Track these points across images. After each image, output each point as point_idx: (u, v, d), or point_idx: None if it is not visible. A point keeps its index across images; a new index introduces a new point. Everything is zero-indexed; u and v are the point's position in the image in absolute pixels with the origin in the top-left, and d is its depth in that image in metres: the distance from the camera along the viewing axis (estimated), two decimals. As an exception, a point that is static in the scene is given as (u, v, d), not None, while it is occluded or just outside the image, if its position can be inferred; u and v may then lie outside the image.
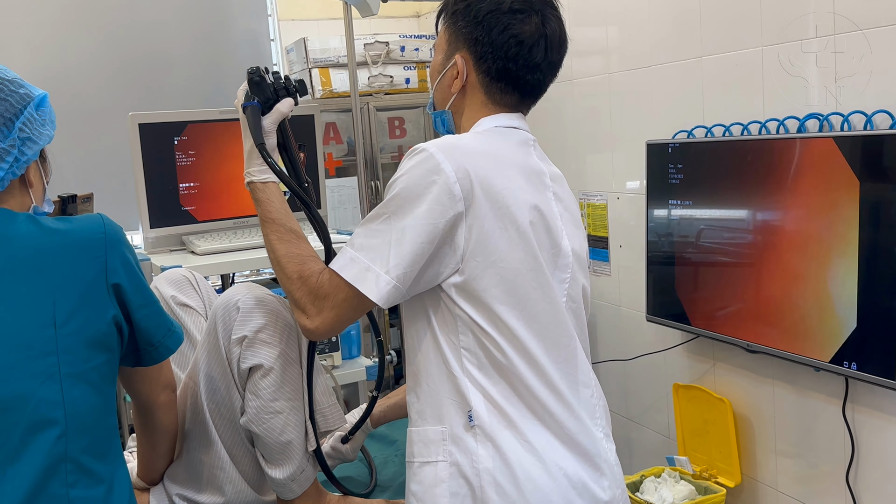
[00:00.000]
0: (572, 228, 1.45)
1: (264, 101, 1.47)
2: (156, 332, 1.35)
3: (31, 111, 1.30)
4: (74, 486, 1.21)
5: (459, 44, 1.44)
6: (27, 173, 1.32)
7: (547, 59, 1.43)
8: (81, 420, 1.23)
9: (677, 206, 2.34)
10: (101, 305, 1.26)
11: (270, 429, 1.50)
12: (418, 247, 1.27)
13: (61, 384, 1.21)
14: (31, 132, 1.30)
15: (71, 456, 1.21)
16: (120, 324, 1.29)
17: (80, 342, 1.24)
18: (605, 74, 2.72)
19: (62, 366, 1.21)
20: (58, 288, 1.23)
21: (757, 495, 2.30)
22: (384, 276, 1.27)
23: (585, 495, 1.34)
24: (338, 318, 1.33)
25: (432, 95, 1.52)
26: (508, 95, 1.44)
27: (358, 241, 1.32)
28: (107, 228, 1.30)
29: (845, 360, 1.88)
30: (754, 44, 2.13)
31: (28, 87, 1.32)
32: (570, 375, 1.38)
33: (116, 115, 2.73)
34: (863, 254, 1.81)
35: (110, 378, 1.30)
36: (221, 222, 2.48)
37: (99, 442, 1.26)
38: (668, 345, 2.53)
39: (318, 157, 2.64)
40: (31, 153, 1.30)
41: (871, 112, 1.84)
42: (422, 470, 1.34)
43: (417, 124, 3.69)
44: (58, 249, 1.25)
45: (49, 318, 1.22)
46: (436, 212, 1.27)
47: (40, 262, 1.23)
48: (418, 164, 1.30)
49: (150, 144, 2.36)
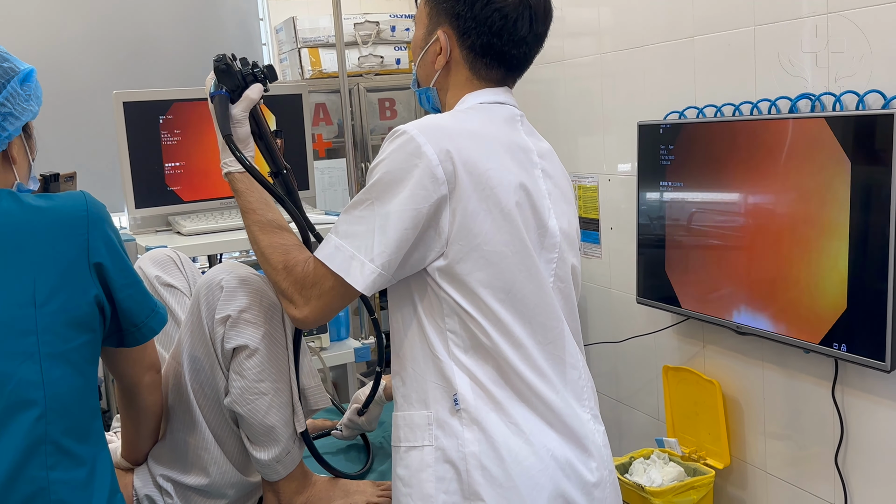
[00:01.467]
0: (562, 206, 1.43)
1: (233, 90, 1.45)
2: (139, 312, 1.33)
3: (15, 86, 1.27)
4: (55, 468, 1.20)
5: (441, 19, 1.40)
6: (10, 149, 1.29)
7: (533, 32, 1.39)
8: (62, 401, 1.21)
9: (668, 187, 2.33)
10: (82, 285, 1.24)
11: (255, 410, 1.48)
12: (402, 233, 1.25)
13: (41, 364, 1.19)
14: (13, 107, 1.27)
15: (51, 437, 1.20)
16: (102, 304, 1.27)
17: (61, 322, 1.22)
18: (598, 55, 2.69)
19: (42, 346, 1.19)
20: (38, 267, 1.21)
21: (746, 477, 2.30)
22: (369, 265, 1.26)
23: (573, 477, 1.33)
24: (326, 307, 1.32)
25: (415, 72, 1.49)
26: (494, 70, 1.41)
27: (342, 228, 1.30)
28: (89, 206, 1.27)
29: (835, 342, 1.87)
30: (747, 23, 2.11)
31: (13, 60, 1.30)
32: (557, 357, 1.37)
33: (101, 94, 2.69)
34: (853, 235, 1.80)
35: (92, 359, 1.28)
36: (207, 203, 2.46)
37: (80, 424, 1.25)
38: (658, 327, 2.53)
39: (307, 138, 2.61)
40: (11, 129, 1.27)
41: (863, 92, 1.82)
42: (408, 454, 1.33)
43: (408, 105, 3.66)
44: (39, 227, 1.23)
45: (29, 297, 1.20)
46: (419, 196, 1.25)
47: (21, 240, 1.21)
48: (399, 147, 1.27)
49: (134, 123, 2.33)
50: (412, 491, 1.31)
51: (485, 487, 1.27)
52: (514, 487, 1.28)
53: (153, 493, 1.57)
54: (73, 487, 1.22)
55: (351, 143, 3.06)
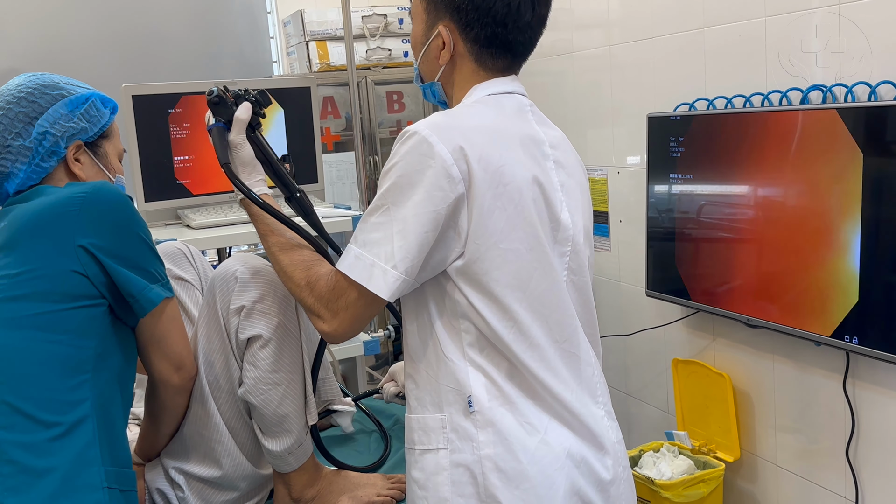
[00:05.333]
0: (576, 195, 1.41)
1: (228, 120, 1.47)
2: (135, 284, 1.37)
3: (59, 108, 1.44)
4: (9, 429, 1.25)
5: (440, 13, 1.37)
6: (68, 164, 1.47)
7: (536, 14, 1.36)
8: (17, 364, 1.28)
9: (678, 180, 2.32)
10: (61, 259, 1.32)
11: (268, 400, 1.49)
12: (423, 236, 1.23)
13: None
14: (52, 127, 1.43)
15: (3, 398, 1.26)
16: (88, 275, 1.33)
17: (30, 290, 1.30)
18: (607, 47, 2.68)
19: (2, 311, 1.29)
20: (25, 244, 1.32)
21: (756, 470, 2.30)
22: (391, 272, 1.24)
23: (588, 474, 1.33)
24: (354, 318, 1.30)
25: (417, 67, 1.46)
26: (500, 59, 1.38)
27: (361, 237, 1.28)
28: (92, 190, 1.37)
29: (846, 335, 1.86)
30: (757, 14, 2.10)
31: (71, 89, 1.48)
32: (572, 355, 1.36)
33: (110, 88, 2.68)
34: (865, 227, 1.79)
35: (78, 329, 1.32)
36: (217, 196, 2.45)
37: (47, 390, 1.29)
38: (667, 320, 2.52)
39: (315, 131, 2.61)
40: (53, 147, 1.44)
41: (875, 83, 1.81)
42: (423, 457, 1.33)
43: (416, 98, 3.66)
44: (37, 211, 1.35)
45: (3, 270, 1.31)
46: (436, 198, 1.23)
47: (25, 224, 1.34)
48: (412, 149, 1.25)
49: (143, 116, 2.33)
50: (428, 494, 1.31)
51: (501, 490, 1.27)
52: (530, 487, 1.27)
53: (164, 486, 1.57)
54: (29, 450, 1.25)
55: (359, 136, 3.05)
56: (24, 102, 1.44)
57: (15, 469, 1.24)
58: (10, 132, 1.43)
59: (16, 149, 1.43)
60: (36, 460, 1.25)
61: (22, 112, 1.43)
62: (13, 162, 1.43)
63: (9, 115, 1.43)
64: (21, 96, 1.44)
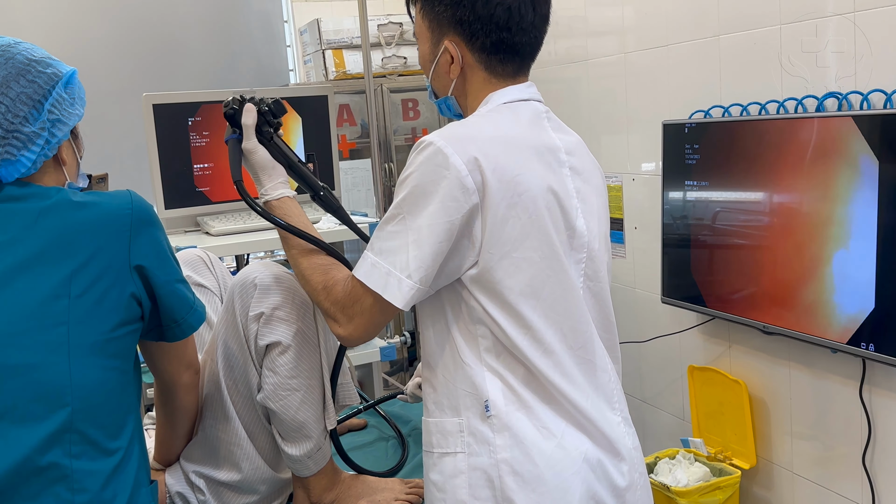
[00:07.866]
0: (592, 200, 1.41)
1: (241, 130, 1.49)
2: (179, 308, 1.35)
3: (60, 91, 1.31)
4: (79, 457, 1.22)
5: (444, 29, 1.39)
6: (60, 152, 1.33)
7: (538, 14, 1.38)
8: (89, 392, 1.23)
9: (693, 187, 2.33)
10: (121, 282, 1.27)
11: (287, 406, 1.50)
12: (437, 246, 1.25)
13: (69, 355, 1.21)
14: (61, 113, 1.31)
15: (76, 427, 1.22)
16: (140, 300, 1.30)
17: (96, 314, 1.24)
18: (621, 54, 2.69)
19: (72, 336, 1.22)
20: (79, 262, 1.24)
21: (772, 477, 2.30)
22: (406, 281, 1.26)
23: (604, 480, 1.34)
24: (369, 324, 1.33)
25: (429, 84, 1.48)
26: (509, 64, 1.39)
27: (377, 245, 1.30)
28: (134, 206, 1.31)
29: (863, 342, 1.86)
30: (772, 22, 2.10)
31: (56, 64, 1.32)
32: (588, 361, 1.37)
33: (130, 96, 2.72)
34: (882, 234, 1.79)
35: (128, 353, 1.31)
36: (236, 203, 2.48)
37: (110, 416, 1.26)
38: (683, 327, 2.52)
39: (332, 139, 2.63)
40: (61, 134, 1.31)
41: (890, 90, 1.81)
42: (441, 461, 1.34)
43: (431, 106, 3.68)
44: (84, 224, 1.26)
45: (65, 290, 1.22)
46: (451, 208, 1.25)
47: (65, 236, 1.24)
48: (427, 159, 1.27)
49: (164, 125, 2.36)
50: (446, 496, 1.33)
51: (518, 493, 1.28)
52: (546, 491, 1.28)
53: (185, 490, 1.59)
54: (98, 477, 1.24)
55: (375, 143, 3.08)
56: (23, 81, 1.27)
57: (88, 497, 1.23)
58: (16, 116, 1.26)
59: (25, 135, 1.27)
60: (104, 489, 1.24)
61: (24, 93, 1.26)
62: (20, 149, 1.27)
63: (9, 95, 1.26)
64: (14, 72, 1.27)
